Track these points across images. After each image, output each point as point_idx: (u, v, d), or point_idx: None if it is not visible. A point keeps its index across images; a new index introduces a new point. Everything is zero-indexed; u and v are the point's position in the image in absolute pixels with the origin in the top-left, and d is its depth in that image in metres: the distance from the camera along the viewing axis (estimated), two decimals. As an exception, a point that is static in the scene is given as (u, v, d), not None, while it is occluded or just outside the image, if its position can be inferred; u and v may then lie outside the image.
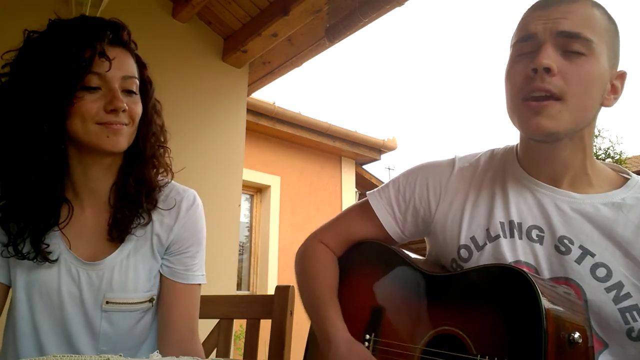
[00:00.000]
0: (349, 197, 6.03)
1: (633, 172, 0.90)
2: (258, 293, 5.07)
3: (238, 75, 3.09)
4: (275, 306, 1.20)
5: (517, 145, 0.95)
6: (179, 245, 1.02)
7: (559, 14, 0.79)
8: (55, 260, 0.93)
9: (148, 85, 1.01)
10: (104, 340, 0.95)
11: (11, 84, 0.90)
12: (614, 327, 0.77)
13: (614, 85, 0.84)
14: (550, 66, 0.77)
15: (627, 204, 0.82)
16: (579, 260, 0.81)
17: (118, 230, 0.96)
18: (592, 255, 0.80)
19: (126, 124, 0.92)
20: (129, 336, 0.98)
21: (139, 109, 0.95)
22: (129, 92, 0.94)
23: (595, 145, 10.80)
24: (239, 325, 3.28)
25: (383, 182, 1.05)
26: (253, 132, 4.89)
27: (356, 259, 1.05)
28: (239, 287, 5.05)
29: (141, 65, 1.00)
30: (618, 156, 10.75)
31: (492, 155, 0.98)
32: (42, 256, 0.92)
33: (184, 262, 1.02)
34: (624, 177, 0.89)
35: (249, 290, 5.21)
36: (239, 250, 4.86)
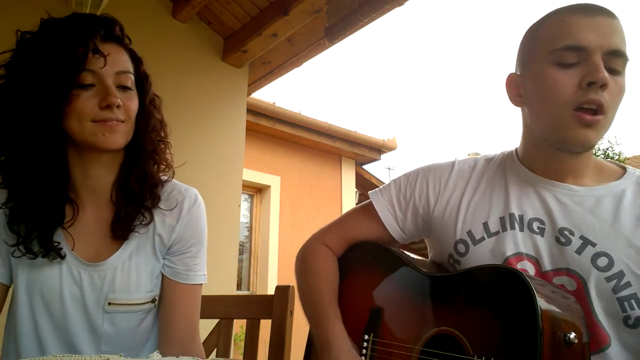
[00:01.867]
0: (349, 197, 6.03)
1: None
2: (258, 293, 5.07)
3: (238, 75, 3.09)
4: (275, 306, 1.20)
5: (516, 149, 0.97)
6: (181, 245, 1.01)
7: (607, 28, 0.80)
8: (64, 257, 0.93)
9: (144, 80, 1.00)
10: (106, 341, 0.95)
11: (7, 85, 0.89)
12: (613, 315, 0.79)
13: None
14: (608, 82, 0.78)
15: (627, 196, 0.84)
16: (579, 251, 0.82)
17: (121, 228, 0.96)
18: (593, 244, 0.82)
19: (122, 121, 0.91)
20: (131, 337, 0.98)
21: (134, 104, 0.94)
22: (123, 88, 0.93)
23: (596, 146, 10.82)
24: (239, 326, 3.28)
25: (383, 182, 1.06)
26: (253, 132, 4.89)
27: (355, 259, 1.05)
28: (239, 287, 5.05)
29: (136, 60, 0.98)
30: (617, 156, 10.76)
31: (490, 159, 1.00)
32: (54, 253, 0.91)
33: (185, 262, 1.01)
34: (622, 169, 0.91)
35: (249, 290, 5.21)
36: (239, 250, 4.87)
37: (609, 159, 0.98)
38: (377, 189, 1.07)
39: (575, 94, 0.80)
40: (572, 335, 0.69)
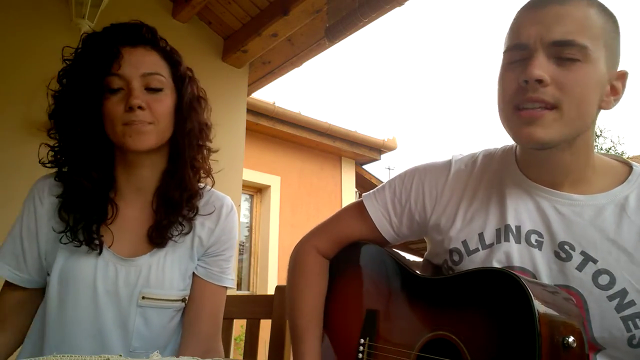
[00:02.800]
0: (349, 197, 6.03)
1: None
2: (258, 293, 5.07)
3: (238, 75, 3.09)
4: (275, 306, 1.20)
5: (515, 146, 0.92)
6: (217, 247, 1.06)
7: (552, 18, 0.75)
8: (101, 252, 0.96)
9: (181, 81, 1.03)
10: (137, 337, 0.96)
11: (60, 95, 0.97)
12: (616, 335, 0.75)
13: (614, 87, 0.80)
14: (541, 77, 0.74)
15: (630, 203, 0.79)
16: (580, 267, 0.78)
17: (159, 236, 0.99)
18: (595, 261, 0.77)
19: (149, 122, 0.94)
20: (161, 334, 0.99)
21: (162, 106, 0.96)
22: (151, 90, 0.96)
23: (597, 146, 10.81)
24: (239, 326, 3.28)
25: (383, 182, 1.04)
26: (253, 132, 4.89)
27: (350, 261, 1.03)
28: (239, 287, 5.05)
29: (172, 61, 1.02)
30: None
31: (490, 156, 0.95)
32: (95, 244, 0.95)
33: (219, 265, 1.06)
34: (627, 167, 0.85)
35: (249, 290, 5.21)
36: (239, 250, 4.87)
37: (614, 156, 0.92)
38: (370, 191, 1.03)
39: (515, 93, 0.77)
40: (571, 339, 0.66)
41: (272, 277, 5.15)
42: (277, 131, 5.30)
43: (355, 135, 5.82)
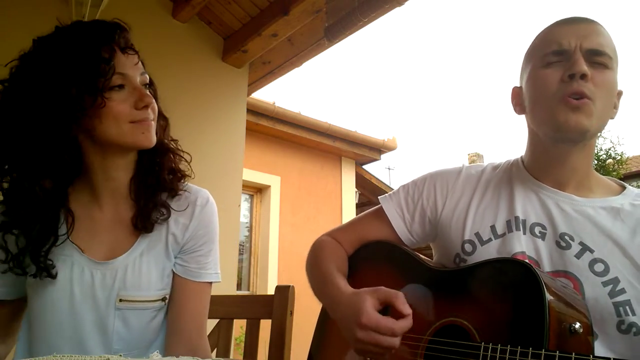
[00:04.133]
0: (349, 197, 6.03)
1: (634, 171, 0.94)
2: (258, 293, 5.07)
3: (238, 75, 3.09)
4: (275, 306, 1.20)
5: (522, 157, 1.03)
6: (193, 243, 1.03)
7: (588, 32, 0.90)
8: (55, 277, 0.92)
9: (153, 84, 1.03)
10: (117, 339, 0.95)
11: (20, 91, 0.89)
12: (606, 319, 0.82)
13: (616, 103, 0.93)
14: (587, 72, 0.86)
15: (624, 209, 0.90)
16: (578, 255, 0.87)
17: (145, 220, 0.98)
18: (592, 251, 0.86)
19: (152, 119, 0.95)
20: (142, 335, 0.99)
21: (154, 104, 0.97)
22: (146, 87, 0.97)
23: (597, 146, 10.79)
24: (239, 327, 3.29)
25: (383, 182, 1.10)
26: (253, 132, 4.89)
27: (364, 257, 1.10)
28: (239, 287, 5.05)
29: (143, 64, 1.01)
30: (619, 157, 10.72)
31: (497, 166, 1.06)
32: (45, 272, 0.91)
33: (197, 261, 1.03)
34: (621, 186, 0.97)
35: (249, 290, 5.21)
36: (239, 250, 4.87)
37: (610, 161, 1.02)
38: (386, 194, 1.12)
39: (559, 86, 0.89)
40: (577, 325, 0.72)
41: (272, 277, 5.15)
42: (277, 131, 5.30)
43: (355, 135, 5.82)
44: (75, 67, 0.87)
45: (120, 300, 0.95)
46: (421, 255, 1.02)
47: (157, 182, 1.00)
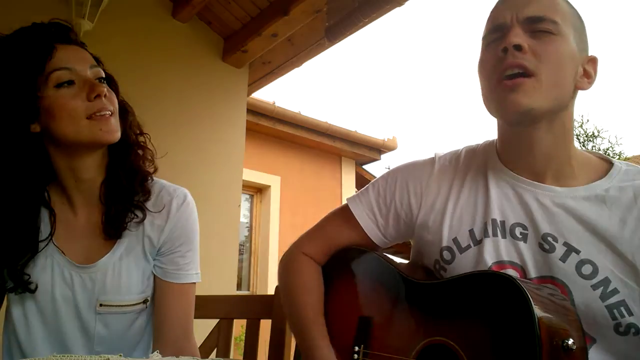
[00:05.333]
0: (349, 197, 6.02)
1: None
2: (258, 293, 5.07)
3: (238, 75, 3.09)
4: (275, 306, 1.20)
5: (496, 140, 0.93)
6: (170, 244, 1.00)
7: (523, 1, 0.82)
8: (34, 291, 0.92)
9: (112, 79, 1.00)
10: (99, 342, 0.95)
11: None
12: (601, 323, 0.76)
13: (586, 70, 0.84)
14: (519, 43, 0.78)
15: (610, 196, 0.81)
16: (563, 259, 0.79)
17: (113, 227, 0.95)
18: (577, 252, 0.79)
19: (112, 113, 0.91)
20: (124, 337, 0.98)
21: (113, 96, 0.94)
22: (100, 80, 0.93)
23: (595, 146, 10.79)
24: (240, 326, 3.29)
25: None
26: (253, 132, 4.89)
27: (341, 267, 1.01)
28: (239, 287, 5.05)
29: (98, 61, 0.98)
30: (617, 156, 10.75)
31: (473, 151, 0.96)
32: (21, 289, 0.91)
33: (175, 262, 1.01)
34: (608, 163, 0.87)
35: (249, 290, 5.21)
36: (239, 250, 4.87)
37: (595, 153, 0.95)
38: (354, 194, 1.02)
39: (495, 64, 0.81)
40: (570, 341, 0.66)
41: (272, 277, 5.15)
42: (277, 131, 5.30)
43: (355, 135, 5.82)
44: (14, 70, 0.87)
45: (101, 305, 0.94)
46: (399, 261, 0.96)
47: (127, 184, 0.97)
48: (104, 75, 0.95)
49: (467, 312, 0.76)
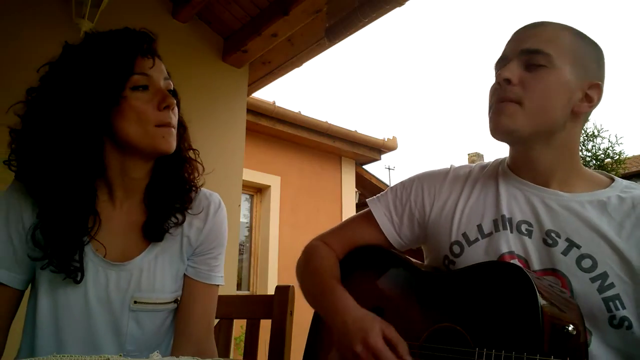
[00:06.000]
0: (349, 197, 6.03)
1: (633, 171, 0.92)
2: (258, 293, 5.07)
3: (238, 75, 3.09)
4: (275, 306, 1.20)
5: (507, 159, 1.03)
6: (205, 246, 1.04)
7: (526, 34, 0.93)
8: (80, 281, 0.92)
9: (177, 94, 1.04)
10: (131, 340, 0.96)
11: (52, 95, 0.91)
12: (597, 315, 0.82)
13: (588, 95, 0.91)
14: (508, 77, 0.89)
15: (611, 203, 0.88)
16: (565, 252, 0.86)
17: (154, 229, 0.98)
18: (578, 247, 0.86)
19: (174, 126, 0.96)
20: (155, 336, 0.99)
21: (177, 111, 0.99)
22: (170, 92, 0.98)
23: (595, 146, 10.76)
24: (240, 326, 3.30)
25: (383, 182, 1.10)
26: (253, 132, 4.89)
27: (354, 263, 1.08)
28: (239, 287, 5.05)
29: (169, 75, 1.03)
30: (617, 156, 10.71)
31: (485, 166, 1.06)
32: (77, 274, 0.92)
33: (207, 263, 1.04)
34: (610, 179, 0.95)
35: (249, 290, 5.21)
36: (239, 250, 4.87)
37: (608, 161, 1.01)
38: (375, 196, 1.12)
39: (491, 95, 0.94)
40: (571, 327, 0.71)
41: (272, 277, 5.15)
42: (277, 131, 5.30)
43: (355, 135, 5.83)
44: (98, 68, 0.91)
45: (135, 302, 0.96)
46: (412, 260, 1.02)
47: (173, 193, 1.00)
48: (173, 88, 0.99)
49: (473, 299, 0.82)
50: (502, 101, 0.90)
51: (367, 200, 1.12)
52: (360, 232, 1.09)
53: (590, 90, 0.91)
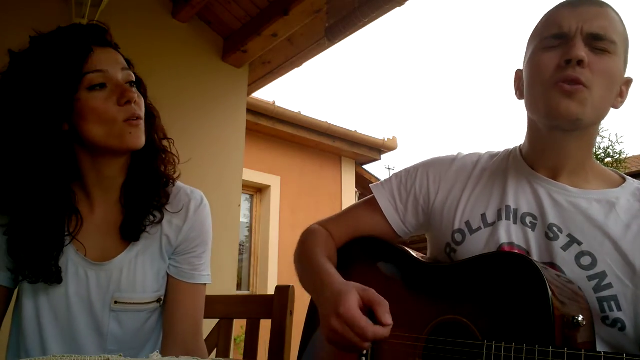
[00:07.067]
0: (349, 197, 6.03)
1: (633, 171, 0.91)
2: (258, 293, 5.06)
3: (238, 75, 3.09)
4: (275, 306, 1.20)
5: (520, 145, 0.99)
6: (187, 245, 1.02)
7: (591, 15, 0.85)
8: (61, 282, 0.92)
9: (141, 81, 1.00)
10: (112, 340, 0.95)
11: (6, 103, 0.89)
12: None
13: (622, 90, 0.89)
14: (584, 58, 0.82)
15: (620, 204, 0.86)
16: (565, 248, 0.84)
17: (132, 229, 0.96)
18: (579, 243, 0.84)
19: (140, 118, 0.92)
20: (137, 336, 0.98)
21: (141, 101, 0.95)
22: (130, 84, 0.94)
23: (595, 145, 10.74)
24: (240, 327, 3.30)
25: None
26: (253, 132, 4.89)
27: (354, 255, 1.05)
28: (239, 287, 5.05)
29: (129, 63, 0.99)
30: (618, 155, 10.69)
31: (494, 155, 1.02)
32: (55, 277, 0.91)
33: (190, 262, 1.02)
34: (622, 179, 0.92)
35: (249, 290, 5.21)
36: (239, 250, 4.87)
37: (609, 160, 0.99)
38: (378, 182, 1.08)
39: (555, 71, 0.85)
40: (580, 317, 0.71)
41: (272, 277, 5.15)
42: (277, 131, 5.30)
43: (355, 135, 5.82)
44: (45, 74, 0.87)
45: (116, 302, 0.95)
46: (413, 252, 0.99)
47: (148, 188, 0.98)
48: (134, 79, 0.95)
49: (478, 290, 0.80)
50: (572, 83, 0.82)
51: (370, 185, 1.08)
52: (364, 218, 1.06)
53: (625, 86, 0.89)
